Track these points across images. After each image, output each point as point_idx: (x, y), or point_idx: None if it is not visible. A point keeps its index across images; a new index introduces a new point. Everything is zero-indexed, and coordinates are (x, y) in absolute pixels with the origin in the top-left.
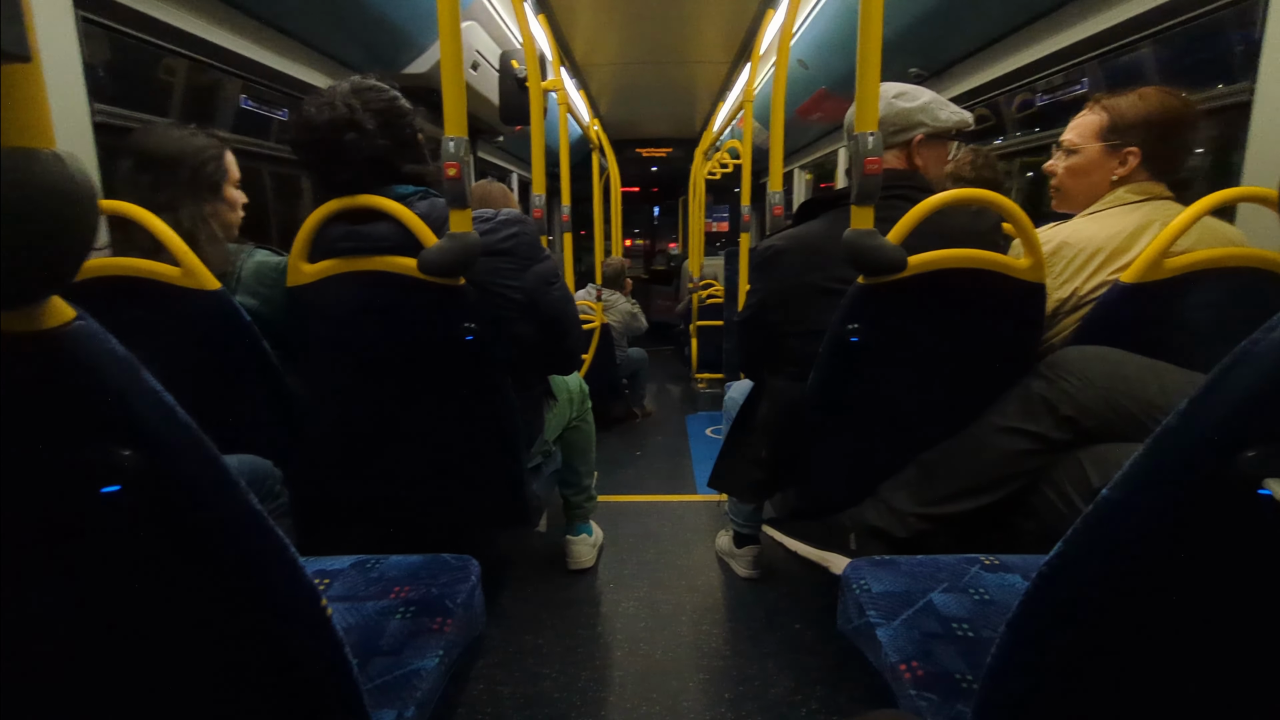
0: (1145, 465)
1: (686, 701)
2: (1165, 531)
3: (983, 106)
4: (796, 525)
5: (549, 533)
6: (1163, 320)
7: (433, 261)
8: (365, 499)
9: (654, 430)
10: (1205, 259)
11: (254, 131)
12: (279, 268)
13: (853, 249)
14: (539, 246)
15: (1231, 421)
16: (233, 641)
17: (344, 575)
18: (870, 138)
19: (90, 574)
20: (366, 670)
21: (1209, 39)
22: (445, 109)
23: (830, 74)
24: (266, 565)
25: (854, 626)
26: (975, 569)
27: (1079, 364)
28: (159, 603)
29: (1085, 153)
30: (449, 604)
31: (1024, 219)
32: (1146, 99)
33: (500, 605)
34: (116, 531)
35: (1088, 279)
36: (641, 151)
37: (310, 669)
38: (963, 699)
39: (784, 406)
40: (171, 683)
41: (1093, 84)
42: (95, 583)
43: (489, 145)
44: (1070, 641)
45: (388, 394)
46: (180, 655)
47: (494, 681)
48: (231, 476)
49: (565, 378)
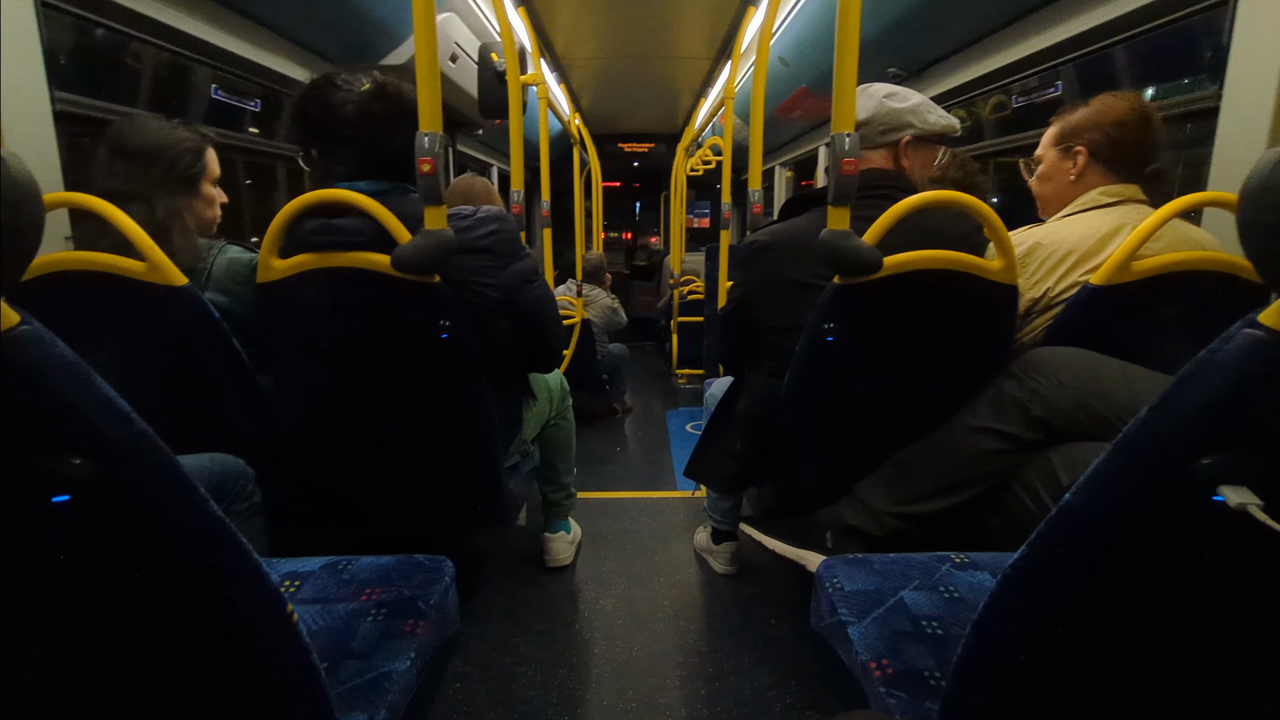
0: (1106, 470)
1: (663, 698)
2: (1125, 535)
3: (959, 108)
4: (774, 523)
5: (527, 530)
6: (1131, 322)
7: (406, 259)
8: (339, 499)
9: (634, 426)
10: (1172, 262)
11: (225, 123)
12: (251, 264)
13: (829, 249)
14: (518, 244)
15: (1189, 429)
16: (195, 649)
17: (315, 577)
18: (847, 138)
19: (42, 585)
20: (336, 674)
21: (1179, 45)
22: (420, 103)
23: (811, 72)
24: (228, 572)
25: (826, 624)
26: (946, 567)
27: (1049, 365)
28: (116, 613)
29: (1046, 159)
30: (421, 605)
31: (996, 221)
32: (1093, 103)
33: (477, 604)
34: (68, 541)
35: (1059, 280)
36: (623, 146)
37: (276, 675)
38: (931, 697)
39: (762, 401)
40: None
41: (1067, 87)
42: (48, 593)
43: (468, 138)
44: (1034, 642)
45: (361, 393)
46: (140, 664)
47: (470, 681)
48: (189, 482)
49: (545, 375)
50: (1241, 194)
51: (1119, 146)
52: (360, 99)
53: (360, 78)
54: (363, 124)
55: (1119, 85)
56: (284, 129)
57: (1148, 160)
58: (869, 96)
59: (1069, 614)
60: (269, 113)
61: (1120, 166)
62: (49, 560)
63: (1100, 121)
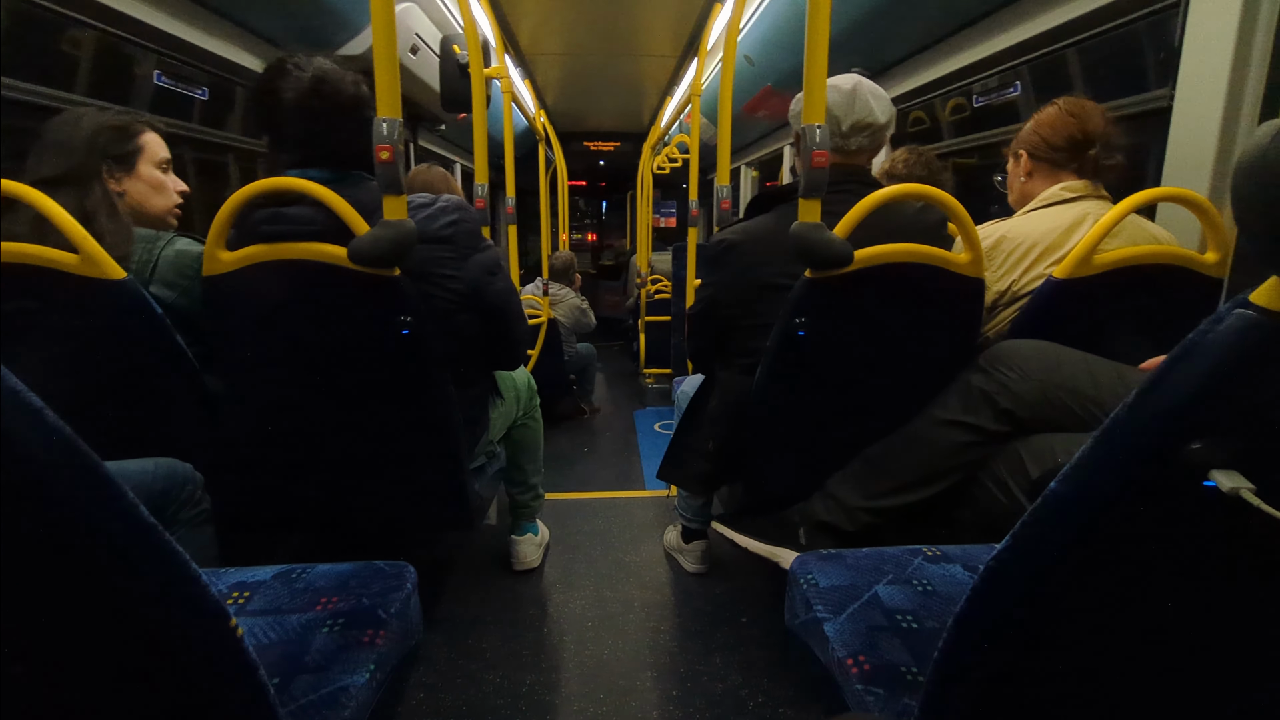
0: (1093, 458)
1: (634, 700)
2: (1112, 524)
3: (922, 108)
4: (746, 521)
5: (494, 532)
6: (1093, 313)
7: (364, 251)
8: (295, 504)
9: (602, 426)
10: (1131, 255)
11: (172, 112)
12: (201, 257)
13: (800, 242)
14: (480, 235)
15: (1178, 414)
16: (125, 669)
17: (266, 587)
18: (818, 130)
19: None
20: (289, 690)
21: (1134, 46)
22: (378, 89)
23: (776, 71)
24: (161, 585)
25: (801, 622)
26: (919, 560)
27: (1015, 357)
28: (38, 628)
29: (1008, 169)
30: (382, 614)
31: (964, 215)
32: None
33: (442, 609)
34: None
35: (1024, 273)
36: (590, 145)
37: (217, 695)
38: (909, 692)
39: (733, 399)
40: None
41: (1024, 88)
42: None
43: (430, 133)
44: (1017, 635)
45: (317, 392)
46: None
47: (435, 689)
48: (115, 487)
49: (513, 374)
50: (1236, 169)
51: (1051, 145)
52: (299, 88)
53: (310, 64)
54: (300, 114)
55: (1075, 86)
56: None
57: (1084, 153)
58: (879, 98)
59: (1054, 606)
60: (220, 102)
61: (1059, 163)
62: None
63: (1034, 127)
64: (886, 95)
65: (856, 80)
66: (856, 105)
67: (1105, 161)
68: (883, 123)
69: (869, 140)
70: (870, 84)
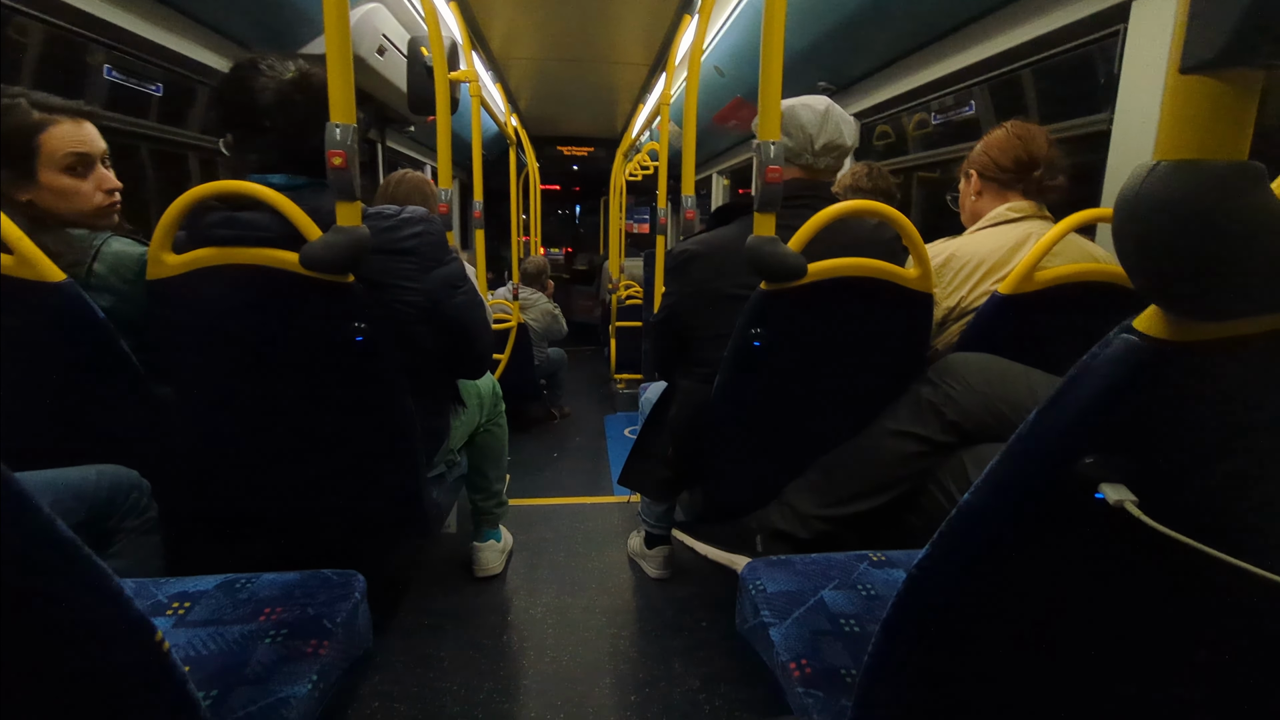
0: (999, 472)
1: (591, 706)
2: (1017, 534)
3: (884, 123)
4: (706, 528)
5: (456, 540)
6: (1035, 328)
7: (317, 256)
8: (245, 511)
9: (572, 431)
10: (1070, 273)
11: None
12: (142, 259)
13: (755, 255)
14: (445, 247)
15: (1072, 430)
16: (46, 686)
17: (208, 597)
18: (772, 146)
19: None
20: (227, 702)
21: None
22: (331, 92)
23: (746, 83)
24: (80, 600)
25: (749, 627)
26: (864, 566)
27: (961, 370)
28: None
29: (960, 189)
30: (327, 624)
31: (912, 231)
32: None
33: (401, 617)
34: None
35: (972, 289)
36: (563, 149)
37: (145, 709)
38: (847, 694)
39: (692, 407)
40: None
41: (979, 106)
42: None
43: (400, 135)
44: (938, 639)
45: (269, 398)
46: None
47: (389, 699)
48: (28, 501)
49: (476, 381)
50: (1116, 206)
51: (999, 166)
52: (281, 86)
53: (288, 64)
54: (281, 113)
55: (1024, 108)
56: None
57: (1029, 174)
58: (847, 123)
59: (969, 610)
60: (176, 99)
61: (1007, 183)
62: None
63: (984, 148)
64: (854, 122)
65: (828, 103)
66: (829, 126)
67: (1048, 182)
68: (849, 146)
69: (835, 160)
70: (839, 109)
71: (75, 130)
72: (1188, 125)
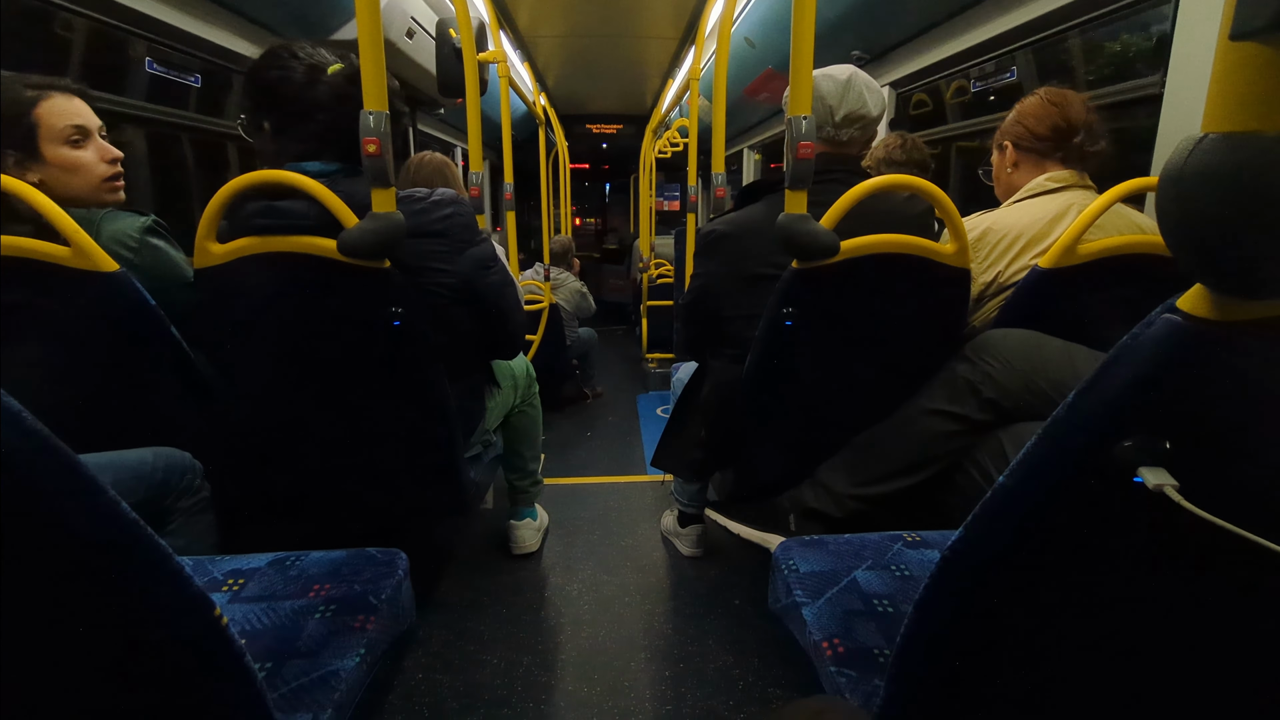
0: (1035, 454)
1: (627, 681)
2: (1054, 516)
3: (921, 91)
4: (738, 507)
5: (493, 519)
6: (1078, 304)
7: (354, 243)
8: (292, 493)
9: (605, 411)
10: (1116, 245)
11: (167, 100)
12: (142, 228)
13: (786, 234)
14: (475, 228)
15: (1111, 412)
16: (110, 660)
17: (261, 574)
18: (804, 121)
19: None
20: (280, 674)
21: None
22: (364, 81)
23: (777, 53)
24: (145, 577)
25: (782, 605)
26: (898, 546)
27: (1000, 347)
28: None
29: (993, 160)
30: (372, 600)
31: (949, 205)
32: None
33: (441, 593)
34: None
35: (1010, 264)
36: (592, 128)
37: (206, 679)
38: (879, 674)
39: (724, 387)
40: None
41: (1022, 72)
42: None
43: (430, 118)
44: (971, 621)
45: (311, 383)
46: (46, 677)
47: (432, 671)
48: (94, 484)
49: (509, 362)
50: (1160, 180)
51: (1035, 135)
52: (334, 80)
53: (323, 53)
54: (334, 105)
55: (1069, 72)
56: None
57: (1067, 141)
58: (872, 91)
59: (1003, 593)
60: (213, 89)
61: (1044, 152)
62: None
63: (1018, 117)
64: (880, 89)
65: (851, 71)
66: (850, 96)
67: (1089, 149)
68: (874, 116)
69: (860, 132)
70: (865, 76)
71: (69, 104)
72: (1237, 95)
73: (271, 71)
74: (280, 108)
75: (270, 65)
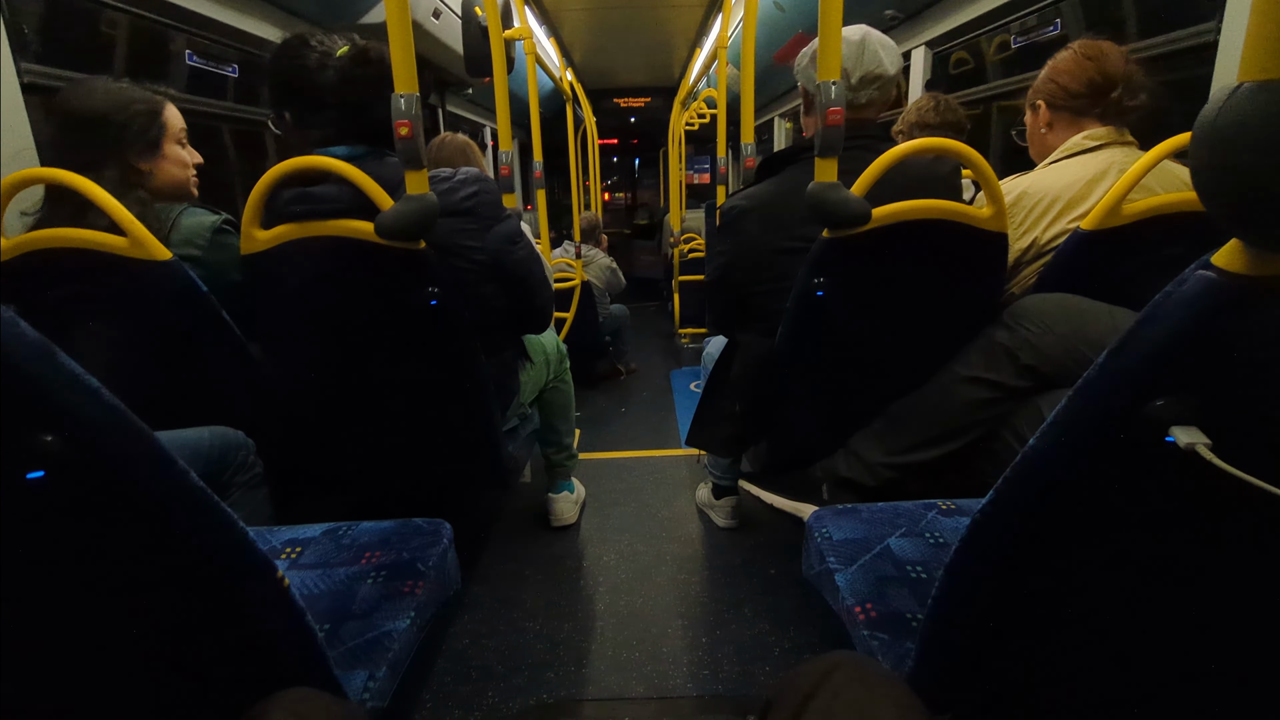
0: (1066, 415)
1: (665, 647)
2: (1084, 477)
3: (961, 49)
4: (772, 478)
5: (532, 493)
6: (1123, 266)
7: (390, 225)
8: (340, 467)
9: (638, 386)
10: (1163, 204)
11: (205, 90)
12: (213, 227)
13: (817, 202)
14: (500, 205)
15: (1142, 372)
16: (183, 618)
17: (316, 543)
18: (833, 86)
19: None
20: (339, 634)
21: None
22: (394, 63)
23: (807, 17)
24: (213, 541)
25: (815, 572)
26: (932, 514)
27: (1038, 312)
28: (100, 585)
29: (1026, 121)
30: (420, 567)
31: (986, 167)
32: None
33: (484, 564)
34: (47, 517)
35: (1047, 228)
36: (619, 102)
37: (269, 639)
38: (912, 637)
39: (755, 362)
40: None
41: (1068, 24)
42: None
43: (459, 97)
44: (1000, 583)
45: (353, 362)
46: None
47: (478, 635)
48: (165, 455)
49: (541, 338)
50: (1194, 131)
51: (1069, 92)
52: (340, 64)
53: (336, 39)
54: (343, 89)
55: (1119, 24)
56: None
57: (1105, 96)
58: (888, 49)
59: (1032, 556)
60: (249, 78)
61: (1080, 110)
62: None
63: (1051, 74)
64: (895, 46)
65: (865, 31)
66: (865, 56)
67: (1129, 103)
68: (892, 74)
69: (878, 93)
70: (879, 34)
71: (173, 110)
72: (1275, 42)
73: (286, 63)
74: (298, 97)
75: (284, 56)
